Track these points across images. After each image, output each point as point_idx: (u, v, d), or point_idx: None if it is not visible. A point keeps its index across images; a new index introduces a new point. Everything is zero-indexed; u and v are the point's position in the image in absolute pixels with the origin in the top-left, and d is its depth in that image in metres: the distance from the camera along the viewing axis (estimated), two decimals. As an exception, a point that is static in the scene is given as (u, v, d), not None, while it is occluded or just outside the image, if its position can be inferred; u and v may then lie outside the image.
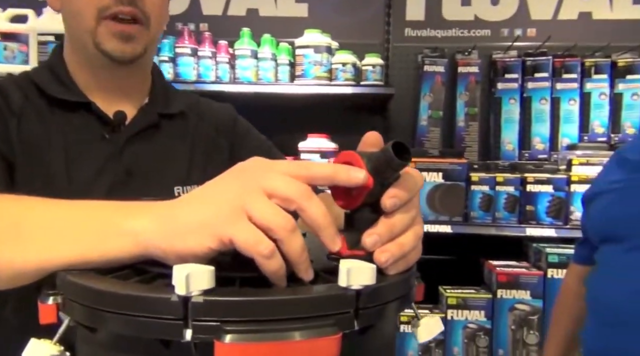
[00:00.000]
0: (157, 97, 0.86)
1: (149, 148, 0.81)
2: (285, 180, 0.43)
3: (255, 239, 0.40)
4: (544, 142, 2.30)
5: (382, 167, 0.44)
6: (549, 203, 1.94)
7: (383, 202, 0.45)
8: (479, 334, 1.86)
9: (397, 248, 0.46)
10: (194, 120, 0.89)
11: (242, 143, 0.93)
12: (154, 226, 0.44)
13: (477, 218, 1.94)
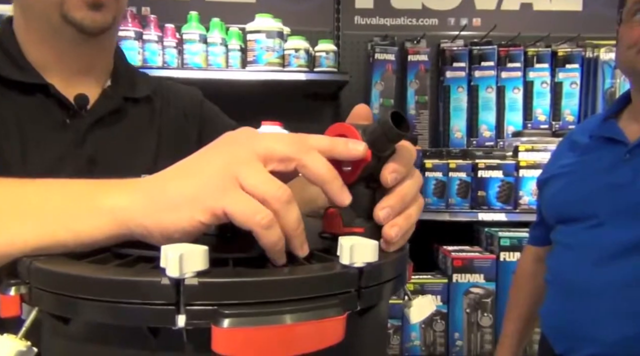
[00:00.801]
0: (121, 79, 0.79)
1: (113, 135, 0.75)
2: (281, 140, 0.40)
3: (252, 209, 0.37)
4: (491, 129, 2.34)
5: (379, 139, 0.42)
6: (499, 189, 1.99)
7: (384, 177, 0.43)
8: (436, 319, 1.88)
9: (405, 221, 0.44)
10: (160, 105, 0.83)
11: (211, 128, 0.88)
12: (135, 201, 0.40)
13: (432, 204, 1.96)
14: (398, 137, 0.42)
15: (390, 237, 0.43)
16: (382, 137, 0.42)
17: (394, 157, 0.44)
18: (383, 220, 0.43)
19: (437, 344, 1.88)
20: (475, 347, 1.89)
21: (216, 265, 0.36)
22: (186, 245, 0.34)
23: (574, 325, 1.16)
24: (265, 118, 2.04)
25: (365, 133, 0.43)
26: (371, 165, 0.43)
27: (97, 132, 0.73)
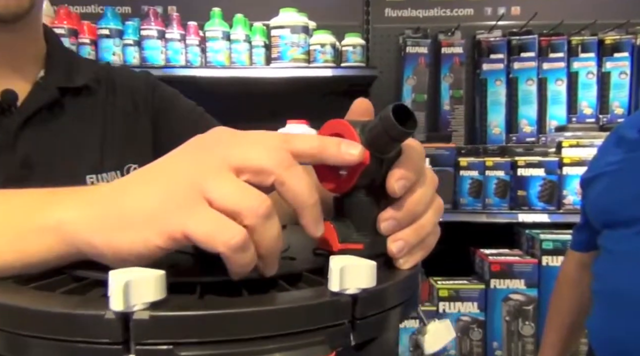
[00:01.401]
0: (56, 68, 0.70)
1: (50, 132, 0.67)
2: (258, 148, 0.34)
3: (218, 228, 0.31)
4: (532, 124, 2.21)
5: (380, 138, 0.36)
6: (540, 188, 1.86)
7: (390, 185, 0.37)
8: (473, 327, 1.77)
9: (413, 233, 0.39)
10: (105, 95, 0.74)
11: (166, 115, 0.79)
12: (84, 215, 0.34)
13: (467, 205, 1.85)
14: (402, 135, 0.35)
15: (392, 252, 0.38)
16: (383, 135, 0.35)
17: (401, 160, 0.38)
18: (386, 233, 0.38)
19: (474, 354, 1.77)
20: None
21: (180, 292, 0.32)
22: (137, 270, 0.29)
23: (625, 340, 1.04)
24: (291, 117, 1.97)
25: (364, 131, 0.37)
26: (372, 170, 0.37)
27: (31, 131, 0.65)
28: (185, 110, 0.81)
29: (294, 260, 0.39)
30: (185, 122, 0.79)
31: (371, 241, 0.38)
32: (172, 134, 0.77)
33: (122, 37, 1.94)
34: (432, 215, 0.41)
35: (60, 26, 1.91)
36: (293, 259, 0.39)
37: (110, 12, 1.97)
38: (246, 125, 1.09)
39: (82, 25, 1.95)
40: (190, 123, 0.79)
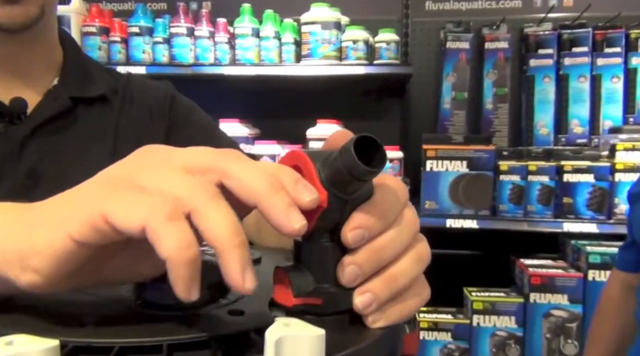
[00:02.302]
0: (70, 77, 0.68)
1: (59, 143, 0.64)
2: (204, 151, 0.31)
3: (143, 204, 0.26)
4: (583, 125, 2.06)
5: (342, 176, 0.30)
6: (589, 195, 1.72)
7: (343, 234, 0.31)
8: (509, 343, 1.65)
9: (383, 285, 0.32)
10: (120, 105, 0.72)
11: (182, 125, 0.76)
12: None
13: (507, 212, 1.73)
14: (366, 174, 0.30)
15: (357, 308, 0.32)
16: (345, 173, 0.30)
17: (365, 204, 0.32)
18: (347, 283, 0.32)
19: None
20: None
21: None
22: (23, 340, 0.25)
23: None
24: (321, 116, 1.91)
25: (325, 166, 0.31)
26: (333, 212, 0.31)
27: (39, 141, 0.63)
28: (199, 126, 0.79)
29: (241, 315, 0.33)
30: (198, 138, 0.76)
31: (333, 295, 0.32)
32: (187, 142, 0.75)
33: (152, 35, 1.93)
34: (409, 264, 0.34)
35: (91, 24, 1.91)
36: (242, 313, 0.33)
37: (142, 9, 1.96)
38: (275, 124, 1.05)
39: (113, 23, 1.95)
40: (203, 140, 0.77)
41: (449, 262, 2.05)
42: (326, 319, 0.32)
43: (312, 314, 0.32)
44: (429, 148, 1.74)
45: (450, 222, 1.72)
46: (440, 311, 1.73)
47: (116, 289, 0.36)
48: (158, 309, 0.33)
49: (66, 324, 0.30)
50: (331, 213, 0.31)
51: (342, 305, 0.32)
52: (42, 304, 0.33)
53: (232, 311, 0.33)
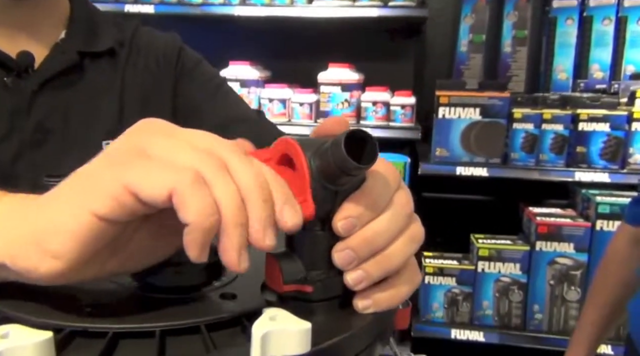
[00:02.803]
0: (78, 31, 0.68)
1: (66, 97, 0.64)
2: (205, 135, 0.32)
3: (171, 172, 0.27)
4: (604, 69, 1.99)
5: (331, 169, 0.31)
6: (604, 144, 1.69)
7: (334, 224, 0.32)
8: (513, 288, 1.69)
9: (375, 264, 0.33)
10: (127, 57, 0.71)
11: (189, 78, 0.76)
12: None
13: (518, 160, 1.72)
14: (355, 170, 0.30)
15: (348, 284, 0.33)
16: (334, 168, 0.31)
17: (357, 193, 0.33)
18: (341, 266, 0.32)
19: (513, 316, 1.71)
20: (558, 322, 1.69)
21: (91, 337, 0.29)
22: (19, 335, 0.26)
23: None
24: (334, 59, 1.87)
25: (316, 157, 0.32)
26: (324, 203, 0.32)
27: (46, 95, 0.63)
28: (206, 80, 0.78)
29: (233, 299, 0.34)
30: (204, 92, 0.76)
31: (323, 282, 0.33)
32: (190, 103, 0.76)
33: (160, -28, 1.87)
34: (402, 245, 0.35)
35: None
36: (234, 297, 0.35)
37: (150, -55, 1.89)
38: (286, 67, 1.03)
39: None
40: (209, 95, 0.77)
41: (458, 207, 2.06)
42: (316, 305, 0.33)
43: (303, 300, 0.33)
44: (442, 95, 1.71)
45: (461, 169, 1.71)
46: (446, 256, 1.76)
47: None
48: (157, 292, 0.35)
49: (64, 308, 0.32)
50: (322, 204, 0.32)
51: (332, 292, 0.34)
52: (42, 288, 0.35)
53: (225, 294, 0.35)
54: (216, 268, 0.37)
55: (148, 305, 0.33)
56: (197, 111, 0.75)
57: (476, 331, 1.69)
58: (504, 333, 1.70)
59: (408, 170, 1.76)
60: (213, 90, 0.77)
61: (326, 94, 1.80)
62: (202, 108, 0.75)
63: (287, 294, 0.33)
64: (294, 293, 0.33)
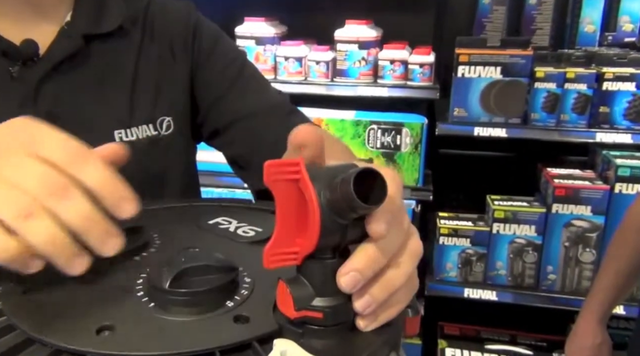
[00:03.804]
0: (83, 11, 0.65)
1: (75, 84, 0.63)
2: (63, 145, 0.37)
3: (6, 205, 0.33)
4: (634, 21, 1.90)
5: (340, 205, 0.31)
6: (628, 104, 1.64)
7: (337, 280, 0.33)
8: (527, 249, 1.70)
9: (381, 288, 0.34)
10: (140, 37, 0.69)
11: (207, 65, 0.74)
12: None
13: (539, 120, 1.68)
14: (363, 210, 0.31)
15: (357, 309, 0.34)
16: (343, 205, 0.31)
17: (364, 244, 0.34)
18: (347, 289, 0.33)
19: (526, 276, 1.73)
20: (571, 283, 1.70)
21: None
22: None
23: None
24: (351, 13, 1.81)
25: (326, 190, 0.32)
26: (333, 235, 0.33)
27: (54, 84, 0.61)
28: (225, 66, 0.75)
29: (246, 323, 0.35)
30: (223, 82, 0.74)
31: (333, 308, 0.34)
32: (209, 96, 0.74)
33: None
34: (404, 264, 0.36)
35: None
36: (247, 320, 0.36)
37: None
38: (302, 23, 0.98)
39: None
40: (228, 85, 0.74)
41: (475, 165, 2.04)
42: (328, 330, 0.34)
43: (313, 325, 0.34)
44: (462, 53, 1.66)
45: (479, 130, 1.68)
46: (461, 217, 1.76)
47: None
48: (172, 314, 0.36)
49: (80, 331, 0.34)
50: (331, 235, 0.33)
51: (342, 318, 0.35)
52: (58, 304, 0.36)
53: (238, 317, 0.36)
54: (231, 288, 0.38)
55: (164, 328, 0.34)
56: (216, 104, 0.74)
57: (489, 291, 1.72)
58: (516, 292, 1.73)
59: (425, 131, 1.74)
60: (233, 78, 0.75)
61: (343, 52, 1.76)
62: (221, 102, 0.74)
63: (298, 321, 0.34)
64: (304, 319, 0.34)
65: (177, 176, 0.73)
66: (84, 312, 0.36)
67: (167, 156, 0.70)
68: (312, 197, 0.31)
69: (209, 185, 1.77)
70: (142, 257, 0.43)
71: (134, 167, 0.66)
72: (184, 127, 0.73)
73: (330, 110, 1.81)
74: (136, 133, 0.67)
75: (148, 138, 0.68)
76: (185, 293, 0.35)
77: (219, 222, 0.49)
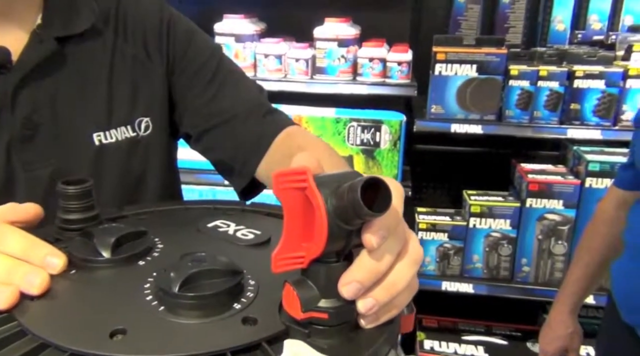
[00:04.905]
0: (54, 13, 0.63)
1: (51, 89, 0.62)
2: None
3: None
4: (602, 20, 1.97)
5: (346, 212, 0.33)
6: (598, 101, 1.70)
7: (339, 290, 0.35)
8: (502, 243, 1.75)
9: (384, 292, 0.36)
10: (113, 37, 0.68)
11: (183, 64, 0.73)
12: None
13: (513, 117, 1.73)
14: (369, 216, 0.33)
15: (360, 311, 0.36)
16: (349, 211, 0.33)
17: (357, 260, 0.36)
18: (349, 297, 0.35)
19: (501, 268, 1.78)
20: (544, 274, 1.76)
21: None
22: None
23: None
24: (330, 10, 1.82)
25: (332, 197, 0.34)
26: (338, 240, 0.35)
27: (29, 89, 0.60)
28: (200, 64, 0.74)
29: (254, 324, 0.37)
30: (199, 85, 0.74)
31: (337, 309, 0.36)
32: (185, 91, 0.73)
33: None
34: (406, 269, 0.37)
35: None
36: (255, 322, 0.37)
37: None
38: (282, 20, 0.97)
39: None
40: (204, 82, 0.74)
41: (451, 160, 2.09)
42: (332, 329, 0.36)
43: (319, 325, 0.36)
44: (439, 51, 1.69)
45: (456, 126, 1.72)
46: (439, 212, 1.80)
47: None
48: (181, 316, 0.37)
49: (94, 335, 0.35)
50: (336, 240, 0.34)
51: (345, 318, 0.36)
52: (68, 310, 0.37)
53: (246, 319, 0.37)
54: (237, 291, 0.39)
55: (175, 331, 0.35)
56: (192, 108, 0.73)
57: (466, 284, 1.77)
58: (492, 284, 1.78)
59: (404, 128, 1.77)
60: (209, 79, 0.74)
61: (322, 50, 1.78)
62: (197, 105, 0.73)
63: (304, 321, 0.36)
64: (310, 320, 0.36)
65: (157, 175, 0.72)
66: (95, 317, 0.37)
67: (147, 156, 0.70)
68: (319, 205, 0.33)
69: (190, 183, 1.77)
70: (146, 261, 0.44)
71: (114, 169, 0.67)
72: (162, 127, 0.72)
73: (310, 107, 1.83)
74: (115, 136, 0.66)
75: (127, 140, 0.68)
76: (194, 297, 0.37)
77: (217, 225, 0.51)
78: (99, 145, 0.65)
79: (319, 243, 0.33)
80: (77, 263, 0.42)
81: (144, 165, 0.70)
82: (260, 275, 0.41)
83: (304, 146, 0.68)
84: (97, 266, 0.42)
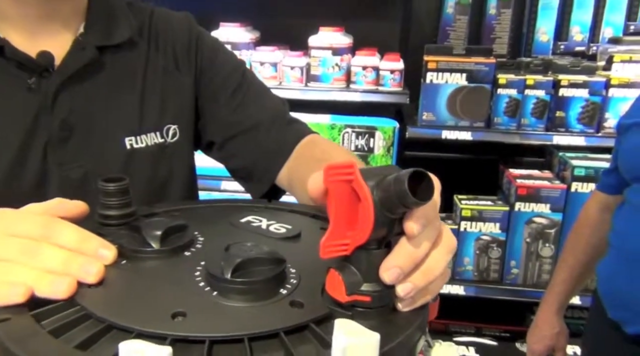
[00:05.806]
0: (95, 24, 0.68)
1: (88, 93, 0.66)
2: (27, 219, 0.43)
3: None
4: (584, 32, 2.05)
5: (392, 201, 0.36)
6: (582, 109, 1.77)
7: (381, 274, 0.38)
8: (492, 246, 1.80)
9: (422, 276, 0.39)
10: (146, 48, 0.72)
11: (209, 75, 0.77)
12: None
13: (501, 124, 1.79)
14: (414, 204, 0.35)
15: (398, 294, 0.38)
16: (394, 201, 0.36)
17: (399, 244, 0.39)
18: (390, 282, 0.38)
19: (491, 271, 1.83)
20: (532, 276, 1.82)
21: None
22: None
23: (630, 296, 1.05)
24: (324, 19, 1.87)
25: (378, 189, 0.36)
26: (382, 228, 0.37)
27: (69, 93, 0.64)
28: (228, 67, 0.78)
29: (301, 307, 0.39)
30: (223, 95, 0.77)
31: (379, 293, 0.38)
32: (211, 100, 0.77)
33: None
34: (442, 256, 0.40)
35: None
36: (302, 306, 0.39)
37: None
38: (277, 29, 1.00)
39: None
40: (229, 93, 0.78)
41: (441, 166, 2.14)
42: (372, 311, 0.39)
43: (361, 307, 0.39)
44: (430, 60, 1.74)
45: (446, 133, 1.77)
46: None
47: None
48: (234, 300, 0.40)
49: (157, 317, 0.37)
50: (380, 229, 0.37)
51: (385, 301, 0.39)
52: (128, 295, 0.40)
53: (294, 302, 0.40)
54: (282, 277, 0.42)
55: (230, 313, 0.38)
56: (217, 117, 0.77)
57: (457, 286, 1.81)
58: (482, 286, 1.83)
59: (397, 135, 1.82)
60: (234, 89, 0.78)
61: (317, 58, 1.82)
62: (221, 114, 0.77)
63: (347, 303, 0.39)
64: (353, 303, 0.39)
65: (180, 180, 0.76)
66: (153, 301, 0.39)
67: (173, 162, 0.74)
68: (366, 195, 0.36)
69: (204, 189, 1.78)
70: (191, 252, 0.47)
71: (143, 173, 0.70)
72: (188, 135, 0.76)
73: (306, 114, 1.87)
74: (145, 141, 0.70)
75: (155, 146, 0.71)
76: (245, 282, 0.40)
77: (250, 220, 0.54)
78: (130, 149, 0.68)
79: (365, 230, 0.37)
80: (126, 254, 0.45)
81: (169, 171, 0.73)
82: (299, 264, 0.45)
83: (329, 151, 0.71)
84: (147, 256, 0.45)
